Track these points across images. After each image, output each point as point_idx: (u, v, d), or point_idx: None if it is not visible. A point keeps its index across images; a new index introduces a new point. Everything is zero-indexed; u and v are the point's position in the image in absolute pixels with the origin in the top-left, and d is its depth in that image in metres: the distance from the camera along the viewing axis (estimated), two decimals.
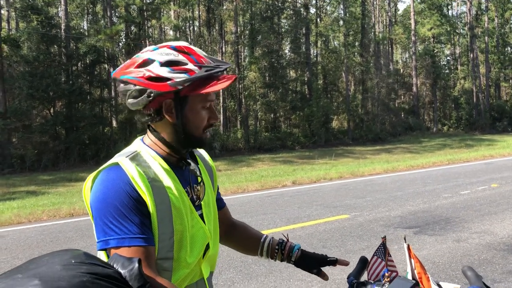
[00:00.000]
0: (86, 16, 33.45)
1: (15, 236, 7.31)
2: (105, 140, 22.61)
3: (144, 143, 1.40)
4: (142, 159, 1.33)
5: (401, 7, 73.83)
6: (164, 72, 1.29)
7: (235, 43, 28.72)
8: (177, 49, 1.32)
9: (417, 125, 35.92)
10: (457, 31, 45.85)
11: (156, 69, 1.30)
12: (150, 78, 1.29)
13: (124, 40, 25.92)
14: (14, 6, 24.93)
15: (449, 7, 47.68)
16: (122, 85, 1.35)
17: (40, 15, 21.86)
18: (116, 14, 26.99)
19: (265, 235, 1.71)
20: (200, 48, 25.40)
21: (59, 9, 27.10)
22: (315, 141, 27.88)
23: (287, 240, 1.67)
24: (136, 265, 1.07)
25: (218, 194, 1.66)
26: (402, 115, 37.71)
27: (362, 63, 33.52)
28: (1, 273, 0.97)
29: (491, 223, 6.76)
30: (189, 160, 1.43)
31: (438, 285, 1.41)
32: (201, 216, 1.42)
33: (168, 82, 1.29)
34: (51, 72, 21.10)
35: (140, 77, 1.30)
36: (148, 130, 1.41)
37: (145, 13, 25.21)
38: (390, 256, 1.57)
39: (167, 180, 1.32)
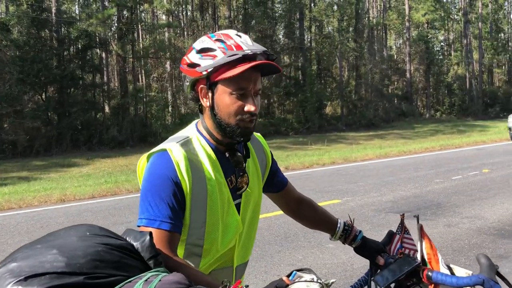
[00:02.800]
0: (77, 0, 32.98)
1: (5, 221, 7.27)
2: (97, 126, 22.45)
3: (198, 129, 1.45)
4: (192, 146, 1.39)
5: None
6: (196, 58, 1.35)
7: (228, 28, 28.49)
8: (214, 36, 1.35)
9: (410, 111, 35.97)
10: (451, 16, 45.75)
11: (192, 56, 1.36)
12: (188, 65, 1.37)
13: (116, 24, 25.61)
14: None
15: None
16: None
17: None
18: None
19: (335, 219, 1.73)
20: (193, 33, 25.05)
21: None
22: (308, 127, 27.86)
23: (352, 226, 1.71)
24: (148, 237, 1.13)
25: (279, 175, 1.68)
26: (395, 101, 37.72)
27: (356, 49, 33.38)
28: None
29: (482, 208, 6.81)
30: (237, 150, 1.44)
31: (449, 268, 1.41)
32: (239, 204, 1.47)
33: (197, 68, 1.34)
34: (42, 57, 20.82)
35: (183, 64, 1.39)
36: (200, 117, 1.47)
37: None
38: (408, 233, 1.61)
39: (210, 171, 1.37)
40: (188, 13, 34.17)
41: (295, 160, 13.84)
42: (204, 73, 1.32)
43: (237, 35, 1.35)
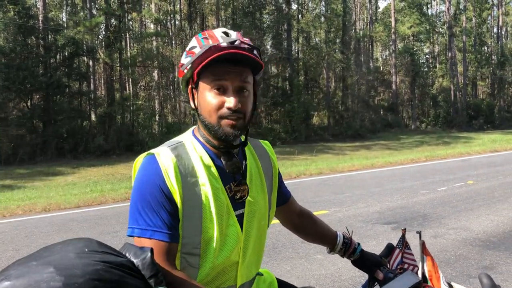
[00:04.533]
0: (65, 8, 32.84)
1: None
2: (83, 134, 22.27)
3: (194, 134, 1.39)
4: (184, 151, 1.32)
5: (381, 5, 74.56)
6: (183, 58, 1.34)
7: None
8: (201, 35, 1.33)
9: (396, 122, 36.36)
10: (436, 30, 46.53)
11: (182, 58, 1.35)
12: (180, 67, 1.36)
13: (103, 32, 25.54)
14: None
15: (428, 6, 48.30)
16: None
17: (17, 5, 21.35)
18: (96, 6, 26.57)
19: (334, 232, 1.70)
20: (181, 42, 25.03)
21: (36, 0, 26.55)
22: (295, 137, 27.98)
23: (351, 239, 1.69)
24: (149, 254, 1.08)
25: (283, 187, 1.62)
26: (381, 112, 38.10)
27: (343, 60, 33.72)
28: None
29: (467, 219, 6.87)
30: (234, 155, 1.35)
31: (450, 285, 1.40)
32: (241, 215, 1.37)
33: (182, 67, 1.33)
34: (28, 64, 20.65)
35: (179, 68, 1.38)
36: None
37: (126, 6, 24.88)
38: (409, 248, 1.59)
39: (203, 177, 1.29)
40: (177, 23, 34.22)
41: (282, 170, 13.85)
42: (185, 71, 1.30)
43: (224, 32, 1.31)
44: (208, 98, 1.27)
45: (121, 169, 17.07)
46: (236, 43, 1.26)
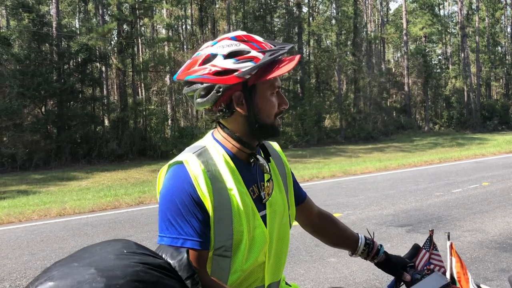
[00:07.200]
0: (77, 15, 33.23)
1: (5, 235, 7.24)
2: (97, 139, 22.47)
3: (215, 138, 1.38)
4: (209, 156, 1.32)
5: (392, 6, 74.20)
6: (230, 64, 1.26)
7: None
8: (237, 39, 1.29)
9: (409, 124, 36.08)
10: (448, 30, 46.15)
11: (221, 63, 1.27)
12: (216, 73, 1.27)
13: (116, 38, 25.77)
14: (5, 4, 24.69)
15: (440, 7, 47.94)
16: (186, 87, 1.33)
17: (31, 13, 21.65)
18: (108, 12, 26.83)
19: (356, 234, 1.68)
20: (193, 47, 25.20)
21: (50, 7, 26.89)
22: (307, 140, 27.91)
23: (373, 240, 1.66)
24: (185, 255, 1.11)
25: (297, 186, 1.61)
26: (394, 114, 37.85)
27: (354, 62, 33.60)
28: None
29: (483, 221, 6.80)
30: (258, 156, 1.39)
31: (479, 287, 1.40)
32: (264, 216, 1.38)
33: (235, 73, 1.26)
34: (43, 70, 20.91)
35: (206, 73, 1.28)
36: (218, 126, 1.38)
37: (137, 12, 25.07)
38: (436, 250, 1.59)
39: (230, 181, 1.30)
40: (188, 27, 34.42)
41: (295, 173, 13.72)
42: (247, 77, 1.26)
43: (252, 34, 1.34)
44: (272, 101, 1.32)
45: (134, 173, 17.18)
46: (285, 46, 1.32)
